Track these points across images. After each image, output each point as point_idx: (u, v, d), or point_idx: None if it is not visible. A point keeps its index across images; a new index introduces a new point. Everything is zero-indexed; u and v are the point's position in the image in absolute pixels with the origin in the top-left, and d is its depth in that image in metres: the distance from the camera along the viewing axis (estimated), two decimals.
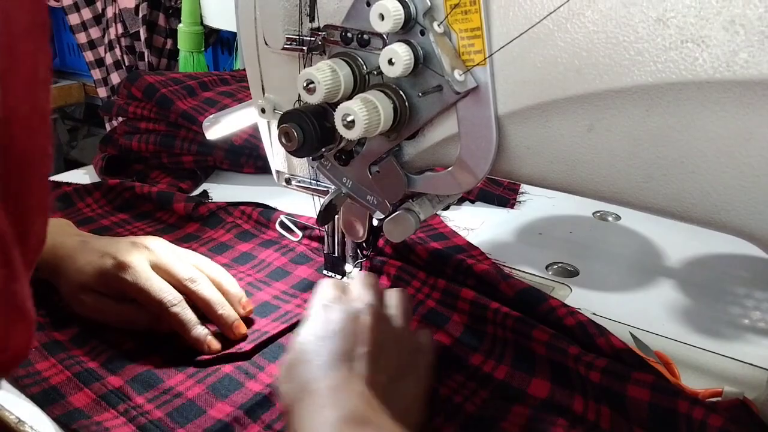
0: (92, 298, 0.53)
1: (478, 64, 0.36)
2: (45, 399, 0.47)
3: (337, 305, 0.45)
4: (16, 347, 0.30)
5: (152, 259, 0.53)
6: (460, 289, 0.55)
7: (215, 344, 0.51)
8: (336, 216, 0.55)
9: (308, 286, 0.60)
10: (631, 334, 0.54)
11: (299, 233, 0.69)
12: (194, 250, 0.60)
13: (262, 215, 0.71)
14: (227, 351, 0.51)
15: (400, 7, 0.36)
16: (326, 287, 0.48)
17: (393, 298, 0.49)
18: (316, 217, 0.52)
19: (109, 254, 0.53)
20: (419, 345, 0.47)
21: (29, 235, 0.30)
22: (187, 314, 0.51)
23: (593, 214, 0.80)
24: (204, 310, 0.52)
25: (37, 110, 0.29)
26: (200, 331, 0.51)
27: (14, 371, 0.30)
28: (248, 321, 0.54)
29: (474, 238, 0.70)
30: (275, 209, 0.73)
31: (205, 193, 0.84)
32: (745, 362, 0.52)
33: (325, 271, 0.61)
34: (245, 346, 0.52)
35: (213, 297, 0.53)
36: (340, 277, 0.60)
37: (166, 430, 0.44)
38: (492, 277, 0.56)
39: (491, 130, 0.38)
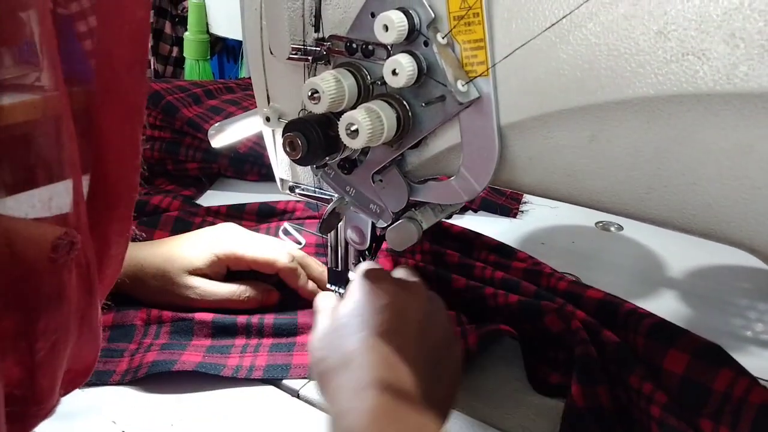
0: (203, 282, 0.57)
1: (481, 75, 0.37)
2: None
3: (385, 280, 0.47)
4: (87, 362, 0.33)
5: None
6: (450, 281, 0.61)
7: None
8: (338, 225, 0.55)
9: None
10: None
11: (302, 240, 0.69)
12: None
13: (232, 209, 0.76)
14: None
15: (404, 19, 0.36)
16: (370, 268, 0.50)
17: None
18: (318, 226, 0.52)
19: (210, 236, 0.60)
20: (453, 335, 0.47)
21: (109, 264, 0.32)
22: (300, 269, 0.59)
23: (596, 224, 0.80)
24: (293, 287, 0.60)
25: (130, 143, 0.31)
26: (312, 284, 0.59)
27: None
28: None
29: None
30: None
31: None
32: None
33: (328, 285, 0.60)
34: None
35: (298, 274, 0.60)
36: (344, 291, 0.59)
37: None
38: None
39: (493, 141, 0.38)
